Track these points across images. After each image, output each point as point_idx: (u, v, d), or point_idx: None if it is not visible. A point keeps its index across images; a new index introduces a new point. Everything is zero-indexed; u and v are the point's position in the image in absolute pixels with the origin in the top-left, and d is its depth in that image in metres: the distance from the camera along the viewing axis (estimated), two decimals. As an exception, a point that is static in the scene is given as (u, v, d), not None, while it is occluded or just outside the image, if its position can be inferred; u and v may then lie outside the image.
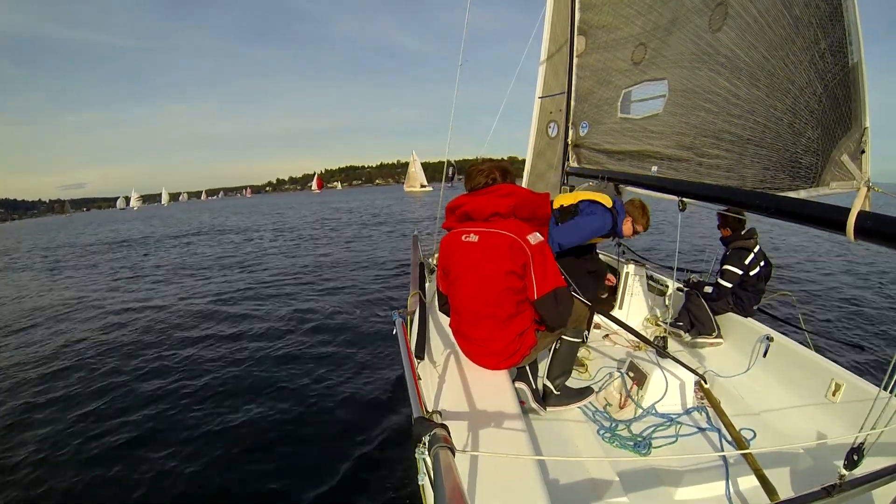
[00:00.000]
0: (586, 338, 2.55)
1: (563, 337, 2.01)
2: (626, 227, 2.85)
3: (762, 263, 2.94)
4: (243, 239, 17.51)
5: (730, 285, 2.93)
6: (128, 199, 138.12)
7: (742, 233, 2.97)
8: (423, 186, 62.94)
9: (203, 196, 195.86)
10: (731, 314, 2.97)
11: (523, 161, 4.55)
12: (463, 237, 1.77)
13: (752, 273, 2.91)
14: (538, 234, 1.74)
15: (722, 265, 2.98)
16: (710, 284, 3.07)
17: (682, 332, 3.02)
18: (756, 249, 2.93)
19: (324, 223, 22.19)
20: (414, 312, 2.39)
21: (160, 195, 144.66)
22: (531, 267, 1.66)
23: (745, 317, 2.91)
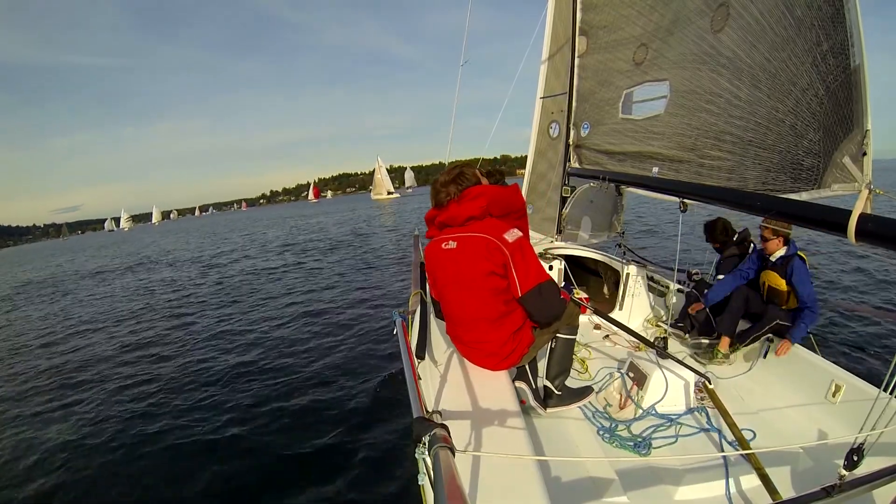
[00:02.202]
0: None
1: (558, 335, 2.01)
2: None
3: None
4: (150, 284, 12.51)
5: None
6: (117, 220, 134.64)
7: (735, 238, 2.98)
8: (389, 193, 63.17)
9: (196, 212, 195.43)
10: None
11: (516, 158, 4.55)
12: (443, 245, 1.78)
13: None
14: (516, 229, 1.73)
15: (716, 275, 2.99)
16: (709, 286, 3.06)
17: (682, 333, 3.02)
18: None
19: (277, 248, 17.31)
20: (415, 312, 2.39)
21: (151, 214, 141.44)
22: (511, 265, 1.66)
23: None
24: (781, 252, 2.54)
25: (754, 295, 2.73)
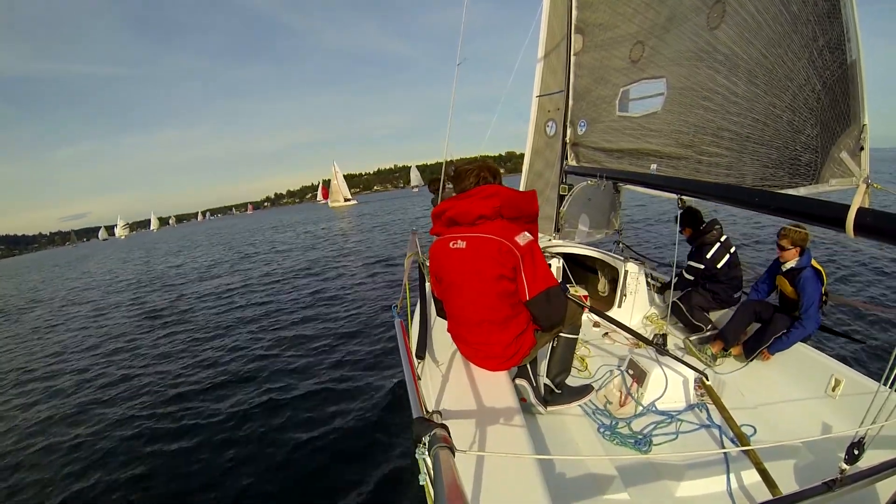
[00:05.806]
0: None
1: (560, 334, 2.01)
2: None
3: (729, 253, 2.97)
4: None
5: (691, 278, 3.06)
6: (110, 228, 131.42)
7: (701, 228, 3.04)
8: (346, 200, 64.89)
9: (199, 217, 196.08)
10: (728, 311, 2.99)
11: (521, 155, 4.54)
12: (451, 244, 1.73)
13: (718, 265, 2.95)
14: (527, 233, 1.71)
15: (688, 261, 3.10)
16: (683, 273, 3.14)
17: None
18: (722, 240, 2.97)
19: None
20: (414, 306, 2.38)
21: (150, 221, 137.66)
22: (521, 269, 1.64)
23: (728, 308, 2.98)
24: (793, 263, 2.56)
25: (763, 307, 2.75)
